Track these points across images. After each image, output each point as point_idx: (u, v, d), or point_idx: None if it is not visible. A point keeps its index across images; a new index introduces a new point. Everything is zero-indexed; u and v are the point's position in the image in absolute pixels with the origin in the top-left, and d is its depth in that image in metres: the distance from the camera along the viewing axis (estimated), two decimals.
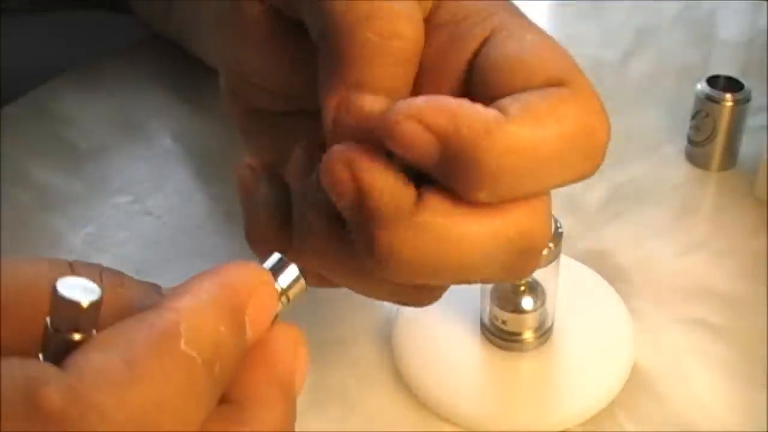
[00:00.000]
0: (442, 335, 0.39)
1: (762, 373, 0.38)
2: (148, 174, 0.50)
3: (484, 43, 0.28)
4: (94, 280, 0.21)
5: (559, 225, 0.36)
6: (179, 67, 0.56)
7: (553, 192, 0.51)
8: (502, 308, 0.38)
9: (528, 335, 0.38)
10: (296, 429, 0.37)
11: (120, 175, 0.50)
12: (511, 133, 0.25)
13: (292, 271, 0.25)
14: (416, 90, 0.29)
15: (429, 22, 0.29)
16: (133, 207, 0.48)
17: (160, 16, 0.54)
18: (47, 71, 0.56)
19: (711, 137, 0.49)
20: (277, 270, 0.25)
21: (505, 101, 0.26)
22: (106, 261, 0.45)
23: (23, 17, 0.59)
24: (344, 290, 0.30)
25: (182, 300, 0.22)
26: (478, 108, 0.25)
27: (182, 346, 0.21)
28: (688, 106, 0.49)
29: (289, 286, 0.25)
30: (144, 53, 0.57)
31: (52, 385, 0.19)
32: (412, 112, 0.25)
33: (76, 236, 0.46)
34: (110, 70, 0.58)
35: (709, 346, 0.40)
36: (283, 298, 0.25)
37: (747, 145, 0.49)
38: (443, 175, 0.26)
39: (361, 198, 0.26)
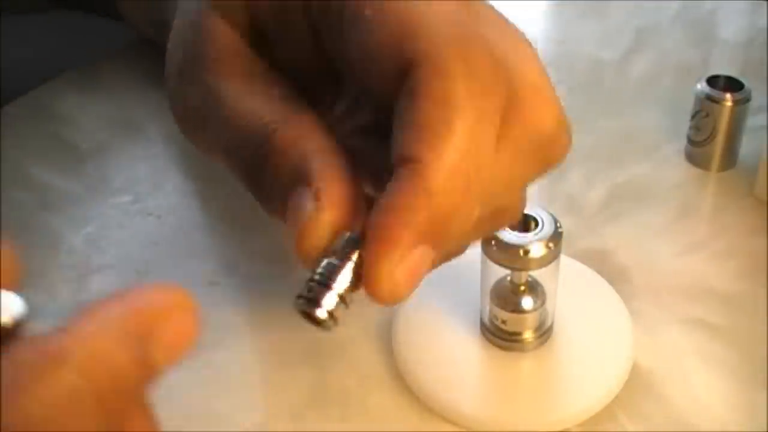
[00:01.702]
0: (442, 335, 0.39)
1: (762, 373, 0.38)
2: (148, 174, 0.50)
3: (342, 19, 0.28)
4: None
5: (559, 225, 0.36)
6: None
7: (553, 192, 0.50)
8: (502, 308, 0.38)
9: (528, 335, 0.38)
10: (296, 429, 0.37)
11: (120, 175, 0.50)
12: (448, 175, 0.26)
13: None
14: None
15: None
16: (133, 207, 0.48)
17: (145, 18, 0.54)
18: (47, 71, 0.56)
19: (711, 137, 0.49)
20: None
21: (412, 151, 0.26)
22: (106, 261, 0.45)
23: (23, 17, 0.59)
24: None
25: (82, 324, 0.21)
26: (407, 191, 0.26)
27: (69, 373, 0.20)
28: (688, 106, 0.49)
29: None
30: (144, 53, 0.57)
31: None
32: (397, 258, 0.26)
33: (76, 236, 0.46)
34: (110, 70, 0.58)
35: (709, 346, 0.40)
36: None
37: (747, 145, 0.49)
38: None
39: None
